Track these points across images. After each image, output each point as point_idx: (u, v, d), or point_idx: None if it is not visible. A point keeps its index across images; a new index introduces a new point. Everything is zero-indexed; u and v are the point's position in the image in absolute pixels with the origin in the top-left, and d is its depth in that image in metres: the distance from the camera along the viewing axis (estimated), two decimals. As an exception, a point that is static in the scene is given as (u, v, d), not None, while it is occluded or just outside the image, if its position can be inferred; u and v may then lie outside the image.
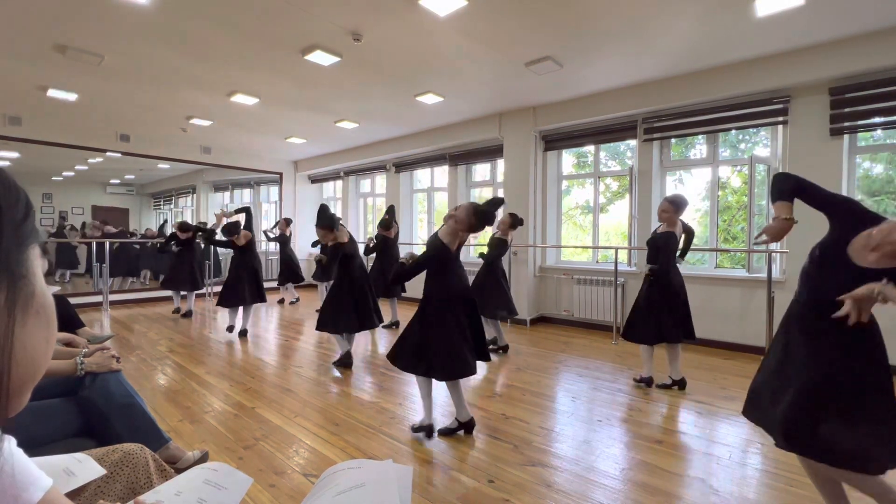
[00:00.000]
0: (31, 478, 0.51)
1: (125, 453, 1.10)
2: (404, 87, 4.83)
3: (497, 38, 3.62)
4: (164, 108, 5.61)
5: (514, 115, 5.71)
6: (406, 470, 0.72)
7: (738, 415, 2.79)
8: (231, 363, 3.88)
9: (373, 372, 3.68)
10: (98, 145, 6.73)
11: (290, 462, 2.20)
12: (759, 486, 2.00)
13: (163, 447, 1.78)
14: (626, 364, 3.89)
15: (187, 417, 2.73)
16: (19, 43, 3.71)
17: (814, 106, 3.93)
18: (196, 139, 7.35)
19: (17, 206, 0.39)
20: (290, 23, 3.37)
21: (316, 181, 9.48)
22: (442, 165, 7.06)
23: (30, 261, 0.40)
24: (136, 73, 4.38)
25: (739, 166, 5.09)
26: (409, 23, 3.36)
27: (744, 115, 4.28)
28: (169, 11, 3.20)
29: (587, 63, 4.15)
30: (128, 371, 3.54)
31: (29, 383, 0.40)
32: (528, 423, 2.66)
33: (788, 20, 3.31)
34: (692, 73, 4.36)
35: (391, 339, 4.86)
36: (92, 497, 0.99)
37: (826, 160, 3.87)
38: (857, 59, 3.58)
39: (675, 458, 2.25)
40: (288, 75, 4.44)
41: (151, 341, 4.66)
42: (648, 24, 3.39)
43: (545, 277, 5.76)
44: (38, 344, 0.40)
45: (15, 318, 0.38)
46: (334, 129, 6.59)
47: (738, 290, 4.39)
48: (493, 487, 1.98)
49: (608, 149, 5.84)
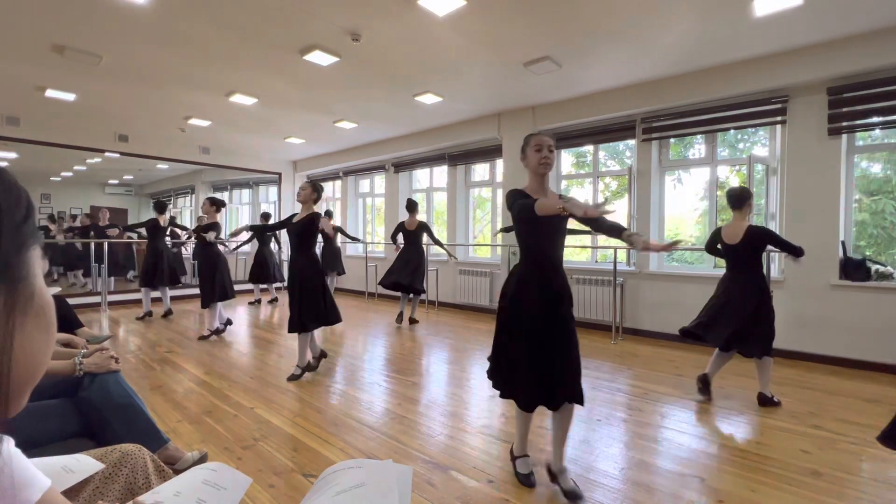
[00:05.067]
0: (30, 478, 0.51)
1: (123, 454, 1.09)
2: (403, 87, 4.83)
3: (496, 37, 3.63)
4: (163, 109, 5.60)
5: (514, 114, 5.72)
6: (406, 470, 0.72)
7: (738, 414, 2.80)
8: (230, 363, 3.88)
9: (372, 371, 3.68)
10: (96, 145, 6.72)
11: (289, 462, 2.20)
12: (758, 485, 2.01)
13: (162, 448, 1.78)
14: (625, 364, 3.89)
15: (186, 418, 2.72)
16: (17, 43, 3.70)
17: (812, 105, 3.93)
18: (195, 139, 7.34)
19: (18, 206, 0.39)
20: (289, 23, 3.36)
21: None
22: (441, 165, 7.06)
23: (30, 262, 0.40)
24: (134, 73, 4.37)
25: (738, 166, 5.09)
26: (408, 23, 3.36)
27: (742, 114, 4.29)
28: (167, 11, 3.20)
29: (586, 63, 4.15)
30: (126, 371, 3.54)
31: (28, 384, 0.40)
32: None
33: (787, 20, 3.32)
34: (691, 73, 4.36)
35: (389, 341, 4.86)
36: (90, 497, 0.98)
37: (824, 160, 3.88)
38: (856, 59, 3.59)
39: (675, 458, 2.25)
40: (287, 75, 4.44)
41: (150, 342, 4.65)
42: (647, 24, 3.39)
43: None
44: (37, 345, 0.40)
45: (14, 319, 0.37)
46: (333, 129, 6.59)
47: (736, 290, 4.38)
48: (493, 487, 1.98)
49: (607, 148, 5.84)
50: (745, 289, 2.91)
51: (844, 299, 3.82)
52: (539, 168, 1.93)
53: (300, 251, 3.48)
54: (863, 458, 2.25)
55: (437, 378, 3.56)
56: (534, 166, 1.95)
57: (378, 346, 4.57)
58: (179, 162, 7.69)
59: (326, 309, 3.49)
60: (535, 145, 1.93)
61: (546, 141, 1.92)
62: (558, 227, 1.95)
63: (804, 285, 4.01)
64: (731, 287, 2.99)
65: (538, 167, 1.93)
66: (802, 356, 4.00)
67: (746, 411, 2.84)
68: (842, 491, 1.95)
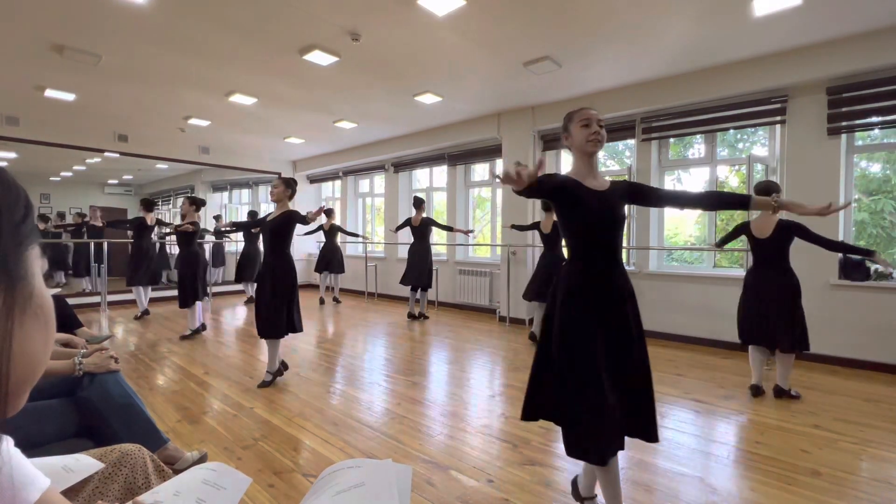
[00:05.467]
0: (29, 478, 0.51)
1: (123, 453, 1.09)
2: (403, 87, 4.83)
3: (495, 37, 3.63)
4: (162, 108, 5.60)
5: (513, 114, 5.71)
6: (406, 469, 0.72)
7: (737, 414, 2.80)
8: (229, 363, 3.88)
9: (371, 371, 3.68)
10: (96, 145, 6.71)
11: (288, 462, 2.20)
12: (757, 485, 2.01)
13: (161, 447, 1.78)
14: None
15: (186, 418, 2.72)
16: (17, 43, 3.70)
17: (811, 105, 3.94)
18: (194, 139, 7.34)
19: (17, 206, 0.39)
20: (289, 22, 3.36)
21: (315, 181, 9.48)
22: (441, 165, 7.06)
23: (29, 262, 0.40)
24: (133, 72, 4.37)
25: (737, 166, 5.10)
26: (408, 23, 3.36)
27: (742, 114, 4.29)
28: (166, 11, 3.20)
29: (586, 63, 4.15)
30: (126, 371, 3.54)
31: (27, 384, 0.40)
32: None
33: (786, 20, 3.32)
34: (690, 73, 4.36)
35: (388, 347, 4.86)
36: (90, 497, 0.98)
37: (824, 159, 3.89)
38: (855, 59, 3.59)
39: (675, 458, 2.25)
40: (286, 75, 4.44)
41: (150, 341, 4.65)
42: (647, 24, 3.39)
43: (544, 277, 5.76)
44: (36, 345, 0.40)
45: (13, 319, 0.37)
46: (333, 129, 6.59)
47: (736, 290, 4.35)
48: (493, 487, 1.98)
49: (607, 148, 5.84)
50: (777, 287, 2.94)
51: (844, 299, 3.82)
52: (587, 146, 1.63)
53: (273, 251, 3.30)
54: (862, 457, 2.25)
55: (437, 378, 3.56)
56: (580, 144, 1.65)
57: (378, 346, 4.57)
58: (179, 162, 7.69)
59: (296, 315, 3.33)
60: (583, 120, 1.65)
61: (595, 115, 1.65)
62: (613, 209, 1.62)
63: (803, 285, 3.98)
64: (763, 287, 3.00)
65: (586, 145, 1.63)
66: (802, 356, 3.99)
67: (746, 411, 2.84)
68: (842, 490, 1.95)
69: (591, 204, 1.58)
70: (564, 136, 1.73)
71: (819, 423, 2.65)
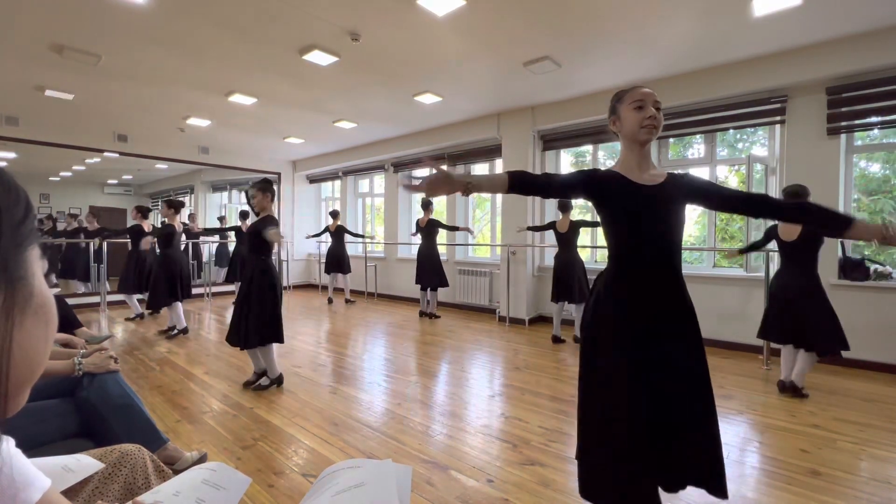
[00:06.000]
0: (30, 478, 0.51)
1: (123, 453, 1.09)
2: (402, 87, 4.83)
3: (495, 37, 3.63)
4: (162, 108, 5.60)
5: (513, 114, 5.71)
6: (405, 469, 0.72)
7: (738, 414, 2.80)
8: (229, 363, 3.88)
9: (372, 371, 3.68)
10: (95, 145, 6.71)
11: (288, 462, 2.20)
12: (757, 484, 2.01)
13: (161, 448, 1.78)
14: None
15: (185, 418, 2.72)
16: (16, 43, 3.70)
17: (811, 105, 3.94)
18: (194, 139, 7.33)
19: (17, 206, 0.39)
20: (288, 22, 3.36)
21: (314, 181, 9.48)
22: (441, 165, 7.05)
23: (29, 262, 0.40)
24: (133, 72, 4.37)
25: (737, 166, 5.10)
26: (408, 22, 3.36)
27: (741, 114, 4.29)
28: (166, 11, 3.20)
29: (585, 63, 4.15)
30: (126, 372, 3.54)
31: (27, 383, 0.40)
32: (528, 423, 2.66)
33: (786, 20, 3.32)
34: (690, 73, 4.36)
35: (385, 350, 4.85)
36: (90, 497, 0.98)
37: (823, 159, 3.89)
38: (854, 59, 3.60)
39: (674, 457, 2.25)
40: (286, 75, 4.44)
41: (149, 342, 4.65)
42: (646, 24, 3.39)
43: (544, 277, 5.76)
44: (36, 344, 0.40)
45: (13, 319, 0.37)
46: (333, 128, 6.59)
47: (736, 290, 4.40)
48: (493, 487, 1.98)
49: (607, 148, 5.84)
50: (805, 288, 2.97)
51: (844, 299, 3.81)
52: (640, 133, 1.34)
53: (250, 256, 3.22)
54: (862, 457, 2.25)
55: (437, 378, 3.56)
56: (632, 131, 1.35)
57: (378, 346, 4.57)
58: (179, 162, 7.68)
59: (272, 324, 3.16)
60: (636, 101, 1.35)
61: (650, 94, 1.37)
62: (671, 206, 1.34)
63: (803, 285, 4.01)
64: (790, 287, 3.03)
65: (639, 132, 1.34)
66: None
67: (746, 411, 2.84)
68: (841, 490, 1.95)
69: (635, 201, 1.32)
70: (612, 119, 1.44)
71: (819, 423, 2.65)
